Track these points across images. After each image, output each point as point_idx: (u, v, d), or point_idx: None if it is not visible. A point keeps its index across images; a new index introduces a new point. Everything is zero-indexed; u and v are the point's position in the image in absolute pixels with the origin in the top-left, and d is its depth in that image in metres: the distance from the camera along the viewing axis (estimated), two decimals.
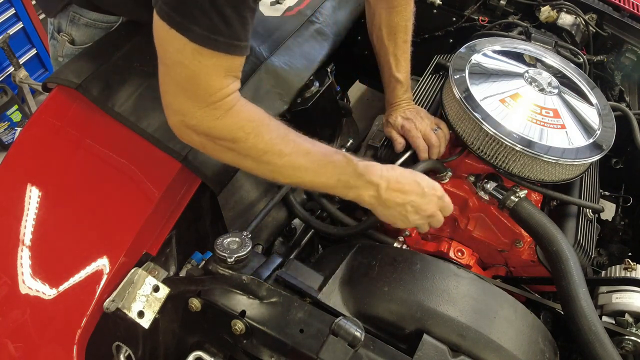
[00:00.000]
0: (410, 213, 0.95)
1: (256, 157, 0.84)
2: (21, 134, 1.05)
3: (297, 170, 0.86)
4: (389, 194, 0.92)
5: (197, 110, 0.78)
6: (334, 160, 0.88)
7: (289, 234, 1.27)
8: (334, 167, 0.88)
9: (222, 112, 0.79)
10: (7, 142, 2.54)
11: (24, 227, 0.92)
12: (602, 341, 0.86)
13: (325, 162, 0.87)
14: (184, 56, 0.74)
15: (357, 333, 0.76)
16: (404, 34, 1.23)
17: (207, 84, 0.77)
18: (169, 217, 1.00)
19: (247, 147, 0.82)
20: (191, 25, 0.71)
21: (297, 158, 0.85)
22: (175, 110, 0.81)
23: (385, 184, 0.91)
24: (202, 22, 0.71)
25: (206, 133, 0.81)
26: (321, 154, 0.88)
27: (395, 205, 0.93)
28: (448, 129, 1.21)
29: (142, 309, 0.88)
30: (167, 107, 0.82)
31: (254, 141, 0.82)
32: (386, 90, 1.29)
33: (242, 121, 0.82)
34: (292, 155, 0.85)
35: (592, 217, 1.23)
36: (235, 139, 0.81)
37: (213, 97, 0.78)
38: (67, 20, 1.14)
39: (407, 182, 0.94)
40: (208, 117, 0.79)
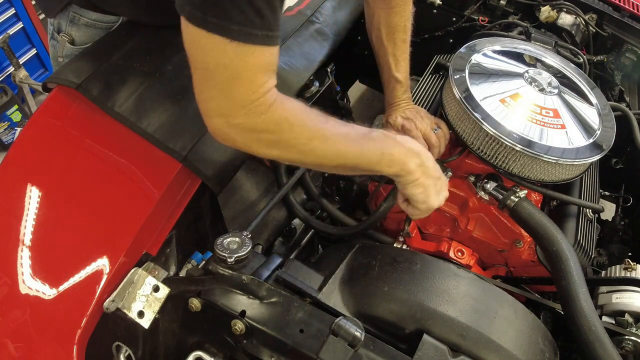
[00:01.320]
0: (442, 190, 0.97)
1: (302, 147, 0.84)
2: (21, 134, 1.05)
3: (342, 153, 0.87)
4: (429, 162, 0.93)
5: (241, 109, 0.78)
6: (374, 137, 0.89)
7: (289, 234, 1.27)
8: (375, 143, 0.88)
9: (265, 107, 0.79)
10: (7, 142, 2.54)
11: (24, 227, 0.92)
12: (602, 341, 0.86)
13: (367, 139, 0.88)
14: (226, 57, 0.73)
15: (357, 333, 0.76)
16: (403, 34, 1.23)
17: (250, 81, 0.77)
18: (169, 217, 1.00)
19: (293, 137, 0.83)
20: (228, 24, 0.70)
21: (340, 141, 0.86)
22: (218, 113, 0.80)
23: (425, 153, 0.93)
24: (237, 19, 0.71)
25: (251, 128, 0.81)
26: (361, 133, 0.89)
27: (434, 177, 0.94)
28: (448, 128, 1.21)
29: (142, 309, 0.88)
30: (210, 112, 0.81)
31: (299, 130, 0.83)
32: (385, 90, 1.29)
33: (285, 112, 0.82)
34: (335, 139, 0.85)
35: (592, 217, 1.23)
36: (280, 130, 0.82)
37: (256, 94, 0.78)
38: (67, 20, 1.14)
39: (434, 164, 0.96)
40: (253, 113, 0.79)
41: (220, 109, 0.79)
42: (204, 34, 0.71)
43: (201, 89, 0.79)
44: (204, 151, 1.01)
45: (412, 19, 1.24)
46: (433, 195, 0.96)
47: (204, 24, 0.71)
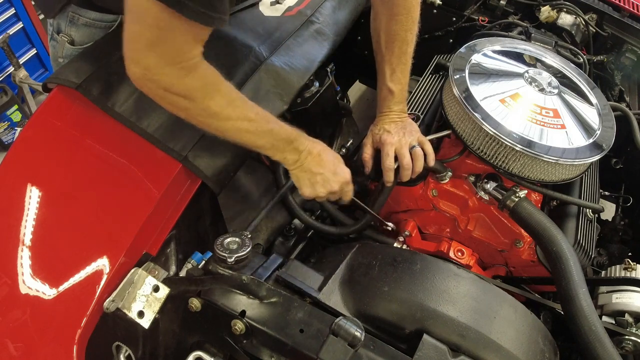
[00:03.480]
0: (318, 183, 1.07)
1: (206, 118, 0.92)
2: (21, 134, 1.05)
3: (240, 132, 0.96)
4: (308, 161, 1.05)
5: (163, 67, 0.82)
6: (272, 128, 0.99)
7: (289, 234, 1.27)
8: (271, 134, 0.99)
9: (187, 71, 0.85)
10: (7, 142, 2.54)
11: (24, 227, 0.92)
12: (602, 341, 0.86)
13: (266, 128, 0.98)
14: (161, 21, 0.77)
15: (357, 333, 0.76)
16: (403, 44, 1.19)
17: (179, 47, 0.82)
18: (169, 217, 1.00)
19: (201, 108, 0.90)
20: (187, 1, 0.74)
21: (242, 123, 0.94)
22: (140, 64, 0.83)
23: (307, 152, 1.04)
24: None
25: (166, 88, 0.86)
26: (264, 121, 0.98)
27: (309, 172, 1.06)
28: (432, 148, 1.18)
29: (142, 309, 0.88)
30: (132, 59, 0.83)
31: (208, 103, 0.89)
32: (378, 97, 1.26)
33: (200, 83, 0.88)
34: (237, 120, 0.94)
35: (592, 217, 1.23)
36: (192, 98, 0.88)
37: (181, 58, 0.83)
38: (66, 20, 1.14)
39: (326, 158, 1.07)
40: (172, 74, 0.84)
41: (145, 60, 0.82)
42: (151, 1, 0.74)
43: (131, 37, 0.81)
44: (204, 151, 1.01)
45: (416, 30, 1.19)
46: (305, 187, 1.08)
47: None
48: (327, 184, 1.07)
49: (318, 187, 1.07)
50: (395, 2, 1.15)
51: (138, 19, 0.79)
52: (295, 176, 1.08)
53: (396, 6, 1.16)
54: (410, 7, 1.16)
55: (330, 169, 1.07)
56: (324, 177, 1.06)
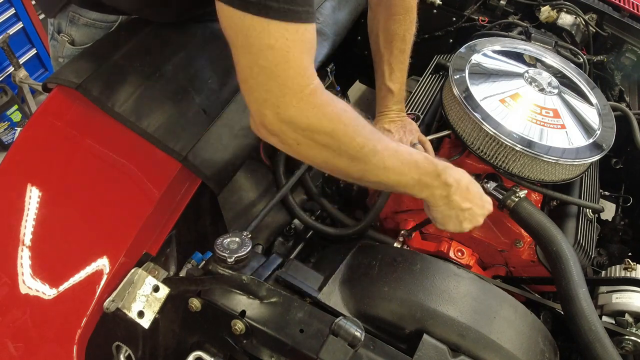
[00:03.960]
0: (465, 220, 0.97)
1: (353, 155, 0.80)
2: (21, 134, 1.05)
3: (386, 170, 0.84)
4: (457, 196, 0.93)
5: (293, 98, 0.73)
6: (417, 159, 0.88)
7: (289, 234, 1.27)
8: (417, 167, 0.88)
9: (318, 98, 0.75)
10: (7, 142, 2.54)
11: (24, 227, 0.92)
12: (602, 341, 0.86)
13: (411, 161, 0.87)
14: (271, 37, 0.69)
15: (357, 333, 0.76)
16: (401, 44, 1.20)
17: (298, 63, 0.73)
18: (169, 217, 1.00)
19: (346, 142, 0.78)
20: (269, 3, 0.67)
21: (388, 157, 0.83)
22: (269, 103, 0.74)
23: (456, 186, 0.93)
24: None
25: (305, 126, 0.75)
26: (407, 152, 0.87)
27: (458, 209, 0.95)
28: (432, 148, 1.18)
29: (142, 309, 0.88)
30: (258, 102, 0.75)
31: (353, 134, 0.78)
32: (377, 97, 1.27)
33: (339, 110, 0.78)
34: (383, 153, 0.82)
35: (592, 217, 1.23)
36: (334, 130, 0.77)
37: (305, 79, 0.74)
38: (66, 20, 1.14)
39: (474, 191, 0.97)
40: (306, 105, 0.74)
41: (270, 97, 0.73)
42: (243, 16, 0.68)
43: (247, 76, 0.74)
44: (204, 151, 1.01)
45: (414, 29, 1.20)
46: (451, 224, 0.98)
47: (242, 5, 0.67)
48: (475, 219, 0.98)
49: (466, 223, 0.98)
50: (393, 2, 1.15)
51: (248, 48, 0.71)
52: (440, 213, 0.97)
53: (394, 6, 1.16)
54: (408, 7, 1.17)
55: (478, 203, 0.97)
56: (472, 213, 0.97)
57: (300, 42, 0.72)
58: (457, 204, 0.94)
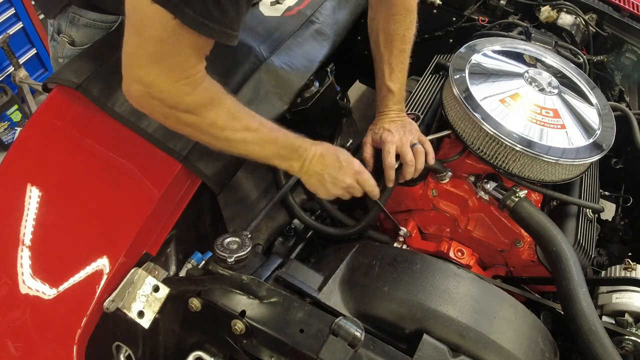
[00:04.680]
0: (328, 183, 1.06)
1: (214, 133, 0.90)
2: (21, 134, 1.05)
3: (247, 144, 0.94)
4: (311, 164, 1.04)
5: (167, 84, 0.80)
6: (277, 137, 0.98)
7: (289, 234, 1.27)
8: (276, 143, 0.98)
9: (191, 87, 0.82)
10: (7, 142, 2.54)
11: (24, 227, 0.92)
12: (602, 341, 0.86)
13: (271, 138, 0.97)
14: (165, 33, 0.74)
15: (357, 333, 0.76)
16: (401, 43, 1.20)
17: (184, 60, 0.79)
18: (169, 217, 1.00)
19: (207, 124, 0.88)
20: (185, 8, 0.71)
21: (248, 134, 0.93)
22: (143, 81, 0.80)
23: (310, 156, 1.03)
24: (196, 6, 0.71)
25: (171, 106, 0.84)
26: (268, 129, 0.97)
27: (315, 174, 1.05)
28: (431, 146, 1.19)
29: (142, 309, 0.88)
30: (133, 77, 0.81)
31: (214, 118, 0.88)
32: (377, 97, 1.27)
33: (206, 99, 0.86)
34: (243, 132, 0.93)
35: (592, 217, 1.23)
36: (197, 113, 0.86)
37: (185, 73, 0.80)
38: (66, 21, 1.14)
39: (329, 155, 1.06)
40: (178, 92, 0.82)
41: (147, 77, 0.79)
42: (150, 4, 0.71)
43: (131, 52, 0.79)
44: (203, 151, 1.01)
45: (414, 29, 1.20)
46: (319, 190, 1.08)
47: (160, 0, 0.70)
48: (337, 181, 1.06)
49: (329, 186, 1.06)
50: (393, 2, 1.15)
51: (140, 30, 0.76)
52: (306, 183, 1.08)
53: (394, 6, 1.16)
54: (408, 7, 1.17)
55: (334, 165, 1.05)
56: (330, 175, 1.05)
57: (197, 49, 0.79)
58: (313, 171, 1.05)
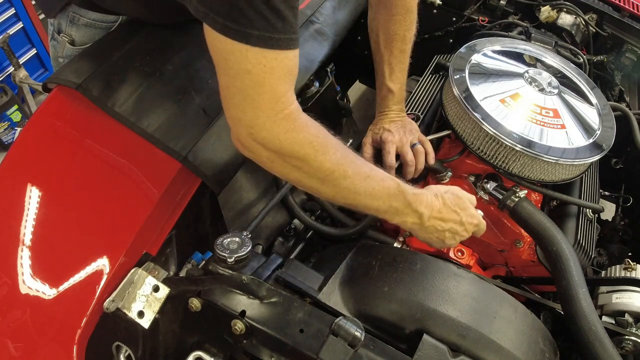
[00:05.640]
0: (447, 238, 1.00)
1: (322, 178, 0.83)
2: (21, 134, 1.05)
3: (357, 194, 0.87)
4: (430, 222, 0.96)
5: (266, 121, 0.76)
6: (389, 186, 0.90)
7: (289, 234, 1.27)
8: (388, 194, 0.90)
9: (291, 123, 0.78)
10: (7, 142, 2.54)
11: (24, 227, 0.92)
12: (602, 341, 0.86)
13: (382, 187, 0.89)
14: (248, 62, 0.72)
15: (357, 333, 0.76)
16: (402, 44, 1.20)
17: (274, 88, 0.75)
18: (169, 217, 1.00)
19: (315, 167, 0.82)
20: (249, 30, 0.69)
21: (359, 181, 0.86)
22: (243, 123, 0.78)
23: (428, 213, 0.95)
24: (259, 24, 0.69)
25: (277, 149, 0.79)
26: (379, 179, 0.89)
27: (434, 232, 0.98)
28: (431, 147, 1.19)
29: (142, 309, 0.88)
30: (234, 120, 0.80)
31: (322, 159, 0.81)
32: (377, 97, 1.27)
33: (310, 136, 0.80)
34: (354, 178, 0.85)
35: (592, 217, 1.23)
36: (305, 155, 0.80)
37: (280, 104, 0.76)
38: (66, 20, 1.14)
39: (448, 211, 0.97)
40: (278, 128, 0.77)
41: (245, 117, 0.77)
42: (225, 41, 0.70)
43: (226, 95, 0.78)
44: (203, 151, 1.01)
45: (414, 29, 1.21)
46: (435, 244, 1.02)
47: (224, 31, 0.70)
48: (458, 236, 1.00)
49: (449, 241, 1.01)
50: (393, 2, 1.15)
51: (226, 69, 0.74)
52: (421, 237, 1.01)
53: (395, 6, 1.16)
54: (408, 7, 1.17)
55: (454, 220, 0.98)
56: (452, 231, 0.99)
57: (279, 68, 0.74)
58: (432, 229, 0.97)
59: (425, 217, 0.95)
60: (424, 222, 0.95)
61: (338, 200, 0.89)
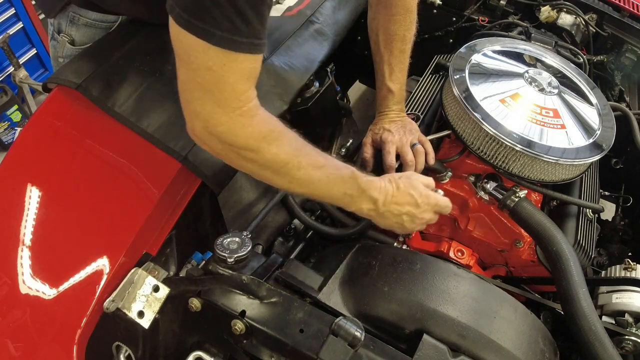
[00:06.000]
0: (406, 222, 1.01)
1: (276, 169, 0.85)
2: (21, 134, 1.05)
3: (312, 183, 0.89)
4: (385, 207, 0.97)
5: (222, 116, 0.78)
6: (343, 174, 0.92)
7: (289, 234, 1.27)
8: (343, 182, 0.92)
9: (248, 119, 0.79)
10: (7, 142, 2.54)
11: (24, 227, 0.92)
12: (602, 341, 0.86)
13: (336, 175, 0.91)
14: (210, 60, 0.73)
15: (357, 333, 0.77)
16: (401, 44, 1.20)
17: (234, 87, 0.77)
18: (169, 217, 1.00)
19: (269, 159, 0.84)
20: (213, 30, 0.70)
21: (313, 171, 0.88)
22: (200, 117, 0.79)
23: (382, 198, 0.96)
24: (223, 25, 0.70)
25: (231, 142, 0.81)
26: (333, 167, 0.91)
27: (392, 216, 0.99)
28: (431, 147, 1.19)
29: (142, 309, 0.88)
30: (191, 113, 0.80)
31: (276, 151, 0.83)
32: (377, 97, 1.27)
33: (265, 130, 0.82)
34: (308, 168, 0.87)
35: (592, 217, 1.23)
36: (258, 148, 0.82)
37: (238, 102, 0.78)
38: (66, 20, 1.14)
39: (402, 194, 0.98)
40: (235, 124, 0.79)
41: (204, 111, 0.78)
42: (188, 36, 0.71)
43: (185, 89, 0.79)
44: (203, 151, 1.00)
45: (414, 29, 1.21)
46: (396, 229, 1.03)
47: (188, 27, 0.71)
48: (416, 219, 1.00)
49: (409, 225, 1.01)
50: (393, 2, 1.15)
51: (187, 63, 0.75)
52: (380, 224, 1.01)
53: (394, 6, 1.16)
54: (408, 7, 1.17)
55: (409, 203, 0.99)
56: (409, 215, 0.99)
57: (239, 69, 0.76)
58: (388, 214, 0.98)
59: (380, 202, 0.96)
60: (379, 208, 0.96)
61: (294, 190, 0.91)
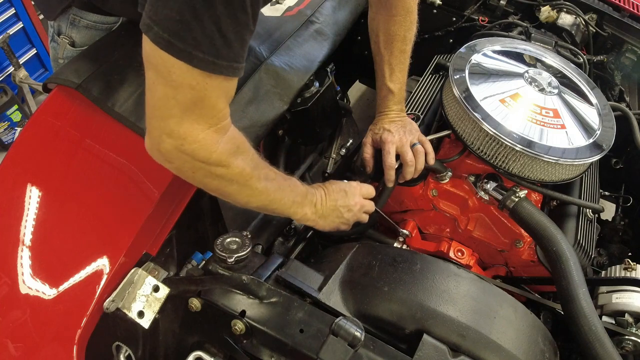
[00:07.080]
0: (345, 212, 1.08)
1: (242, 182, 0.87)
2: (21, 134, 1.05)
3: (269, 194, 0.93)
4: (323, 205, 1.05)
5: (200, 133, 0.77)
6: (290, 183, 0.98)
7: (289, 234, 1.27)
8: (291, 190, 0.98)
9: (221, 135, 0.80)
10: (7, 142, 2.55)
11: (24, 227, 0.92)
12: (602, 341, 0.86)
13: (286, 185, 0.97)
14: (192, 80, 0.73)
15: (357, 333, 0.77)
16: (402, 44, 1.20)
17: (214, 104, 0.77)
18: (169, 217, 1.00)
19: (237, 173, 0.85)
20: (194, 52, 0.70)
21: (269, 182, 0.92)
22: (174, 135, 0.77)
23: (319, 198, 1.04)
24: (205, 48, 0.70)
25: (204, 159, 0.80)
26: (282, 177, 0.97)
27: (331, 212, 1.06)
28: (431, 146, 1.19)
29: (142, 309, 0.88)
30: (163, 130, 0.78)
31: (243, 165, 0.86)
32: (377, 97, 1.27)
33: (234, 146, 0.84)
34: (266, 180, 0.91)
35: (592, 217, 1.23)
36: (229, 163, 0.83)
37: (216, 119, 0.79)
38: (67, 22, 1.14)
39: (332, 190, 1.07)
40: (210, 140, 0.79)
41: (179, 128, 0.76)
42: (167, 57, 0.71)
43: (161, 105, 0.76)
44: None
45: (414, 30, 1.20)
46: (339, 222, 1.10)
47: (168, 48, 0.70)
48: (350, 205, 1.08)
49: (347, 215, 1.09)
50: (393, 3, 1.15)
51: (168, 81, 0.73)
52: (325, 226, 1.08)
53: (394, 7, 1.16)
54: (408, 8, 1.17)
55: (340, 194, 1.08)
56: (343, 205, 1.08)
57: (219, 89, 0.76)
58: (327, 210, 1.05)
59: (318, 203, 1.03)
60: (318, 210, 1.03)
61: (252, 204, 0.93)
